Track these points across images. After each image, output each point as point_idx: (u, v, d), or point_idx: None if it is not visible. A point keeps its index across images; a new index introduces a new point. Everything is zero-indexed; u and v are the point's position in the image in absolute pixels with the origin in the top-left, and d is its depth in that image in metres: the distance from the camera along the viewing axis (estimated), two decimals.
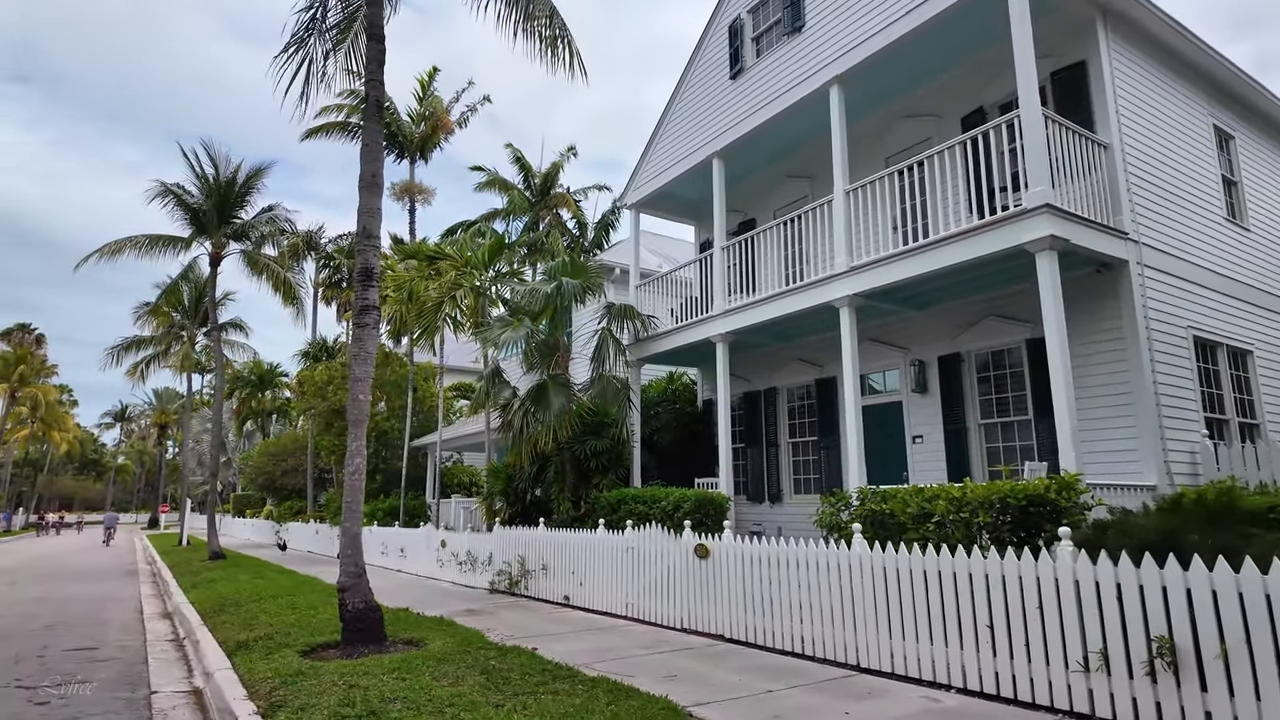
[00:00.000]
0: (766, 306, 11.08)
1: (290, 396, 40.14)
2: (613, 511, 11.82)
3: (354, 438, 7.65)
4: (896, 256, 9.15)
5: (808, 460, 12.58)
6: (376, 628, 7.26)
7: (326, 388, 21.48)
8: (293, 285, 21.61)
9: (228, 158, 20.81)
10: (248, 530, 36.37)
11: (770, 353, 13.26)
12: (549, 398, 12.07)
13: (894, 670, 6.08)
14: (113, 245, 19.60)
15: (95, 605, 12.56)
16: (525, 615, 9.74)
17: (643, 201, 14.50)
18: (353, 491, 7.54)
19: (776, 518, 12.56)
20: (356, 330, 7.78)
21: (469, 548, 13.53)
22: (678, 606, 8.45)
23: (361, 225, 8.00)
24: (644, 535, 9.20)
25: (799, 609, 7.00)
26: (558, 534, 11.00)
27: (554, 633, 8.35)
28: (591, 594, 9.99)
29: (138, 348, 33.29)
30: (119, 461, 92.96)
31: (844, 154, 10.08)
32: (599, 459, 12.67)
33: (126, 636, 9.52)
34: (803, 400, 12.84)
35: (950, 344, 10.39)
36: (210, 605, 11.04)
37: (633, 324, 13.43)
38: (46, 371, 58.81)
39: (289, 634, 8.03)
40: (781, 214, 13.22)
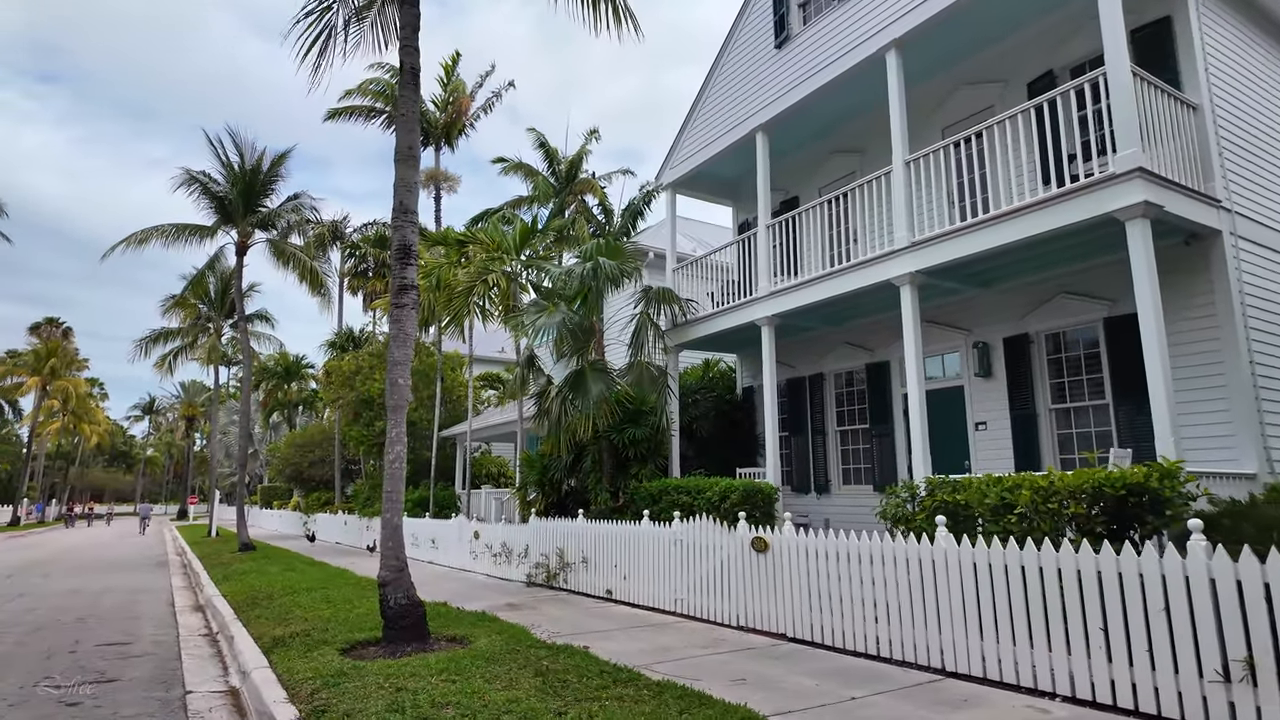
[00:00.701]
0: (816, 287, 10.51)
1: (316, 388, 40.17)
2: (654, 502, 11.36)
3: (394, 424, 7.23)
4: (962, 230, 8.55)
5: (857, 449, 12.02)
6: (420, 625, 6.86)
7: (354, 378, 21.22)
8: (319, 274, 21.36)
9: (253, 145, 20.58)
10: (275, 521, 36.47)
11: (816, 337, 12.68)
12: (587, 384, 11.61)
13: (986, 675, 5.56)
14: (139, 234, 19.44)
15: (127, 598, 12.36)
16: (568, 610, 9.32)
17: (679, 181, 13.95)
18: (393, 481, 7.13)
19: (824, 509, 12.02)
20: (395, 311, 7.35)
21: (504, 539, 13.16)
22: (733, 603, 7.97)
23: (398, 200, 7.56)
24: (693, 527, 8.72)
25: (872, 607, 6.49)
26: (599, 526, 10.56)
27: (602, 630, 7.91)
28: (636, 588, 9.54)
29: (165, 340, 33.41)
30: (148, 454, 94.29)
31: (904, 122, 9.47)
32: (637, 448, 12.20)
33: (159, 630, 9.24)
34: (851, 386, 12.26)
35: (1017, 324, 9.76)
36: (243, 598, 10.76)
37: (670, 308, 12.92)
38: (78, 365, 59.50)
39: (326, 630, 7.67)
40: (827, 191, 12.63)
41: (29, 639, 8.62)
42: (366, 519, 21.50)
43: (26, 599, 12.21)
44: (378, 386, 20.75)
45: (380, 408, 20.58)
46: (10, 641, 8.45)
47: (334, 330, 27.97)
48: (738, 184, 14.75)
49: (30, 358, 51.93)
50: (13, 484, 49.91)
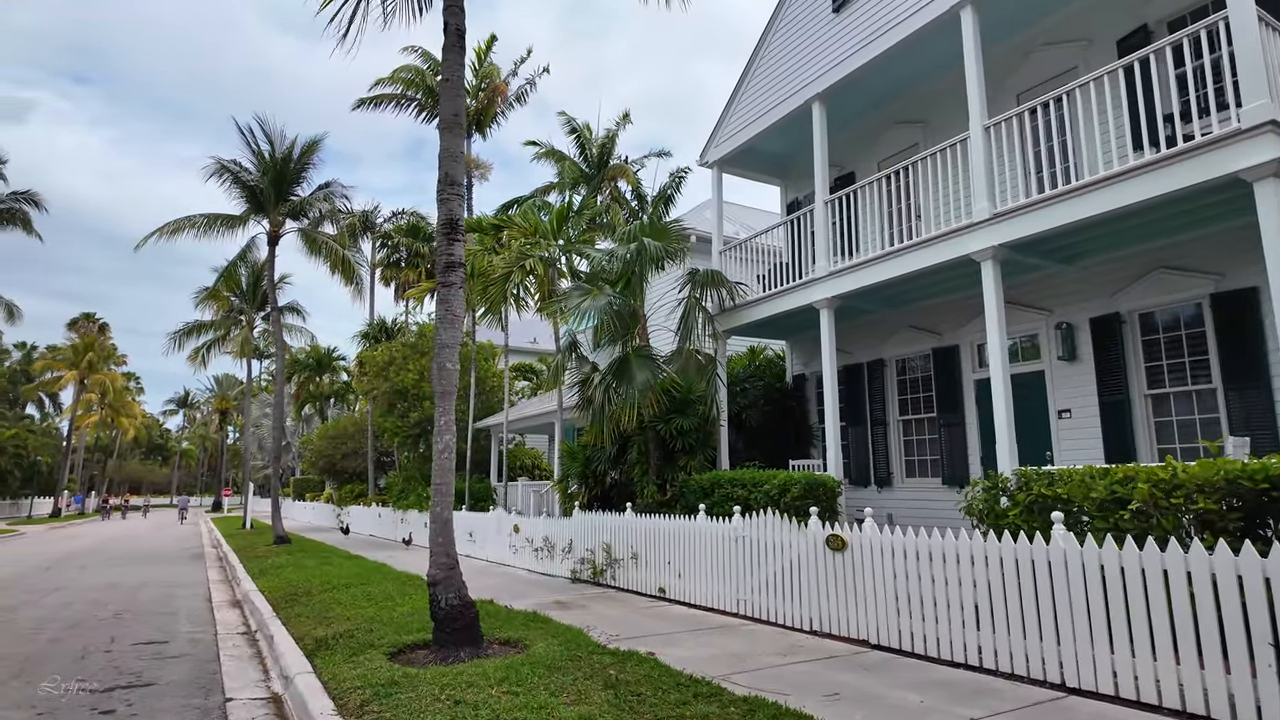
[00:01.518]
0: (880, 266, 9.81)
1: (348, 380, 40.16)
2: (705, 496, 10.78)
3: (442, 411, 6.72)
4: (1052, 200, 7.80)
5: (922, 440, 11.31)
6: (472, 627, 6.35)
7: (388, 368, 20.89)
8: (351, 263, 21.04)
9: (282, 133, 20.27)
10: (308, 514, 36.54)
11: (876, 321, 11.97)
12: (632, 372, 11.04)
13: (1118, 693, 4.89)
14: (172, 225, 19.24)
15: (163, 592, 12.09)
16: (621, 609, 8.78)
17: (725, 159, 13.28)
18: (443, 472, 6.62)
19: (885, 503, 11.34)
20: (442, 290, 6.83)
21: (546, 534, 12.67)
22: (805, 606, 7.36)
23: (443, 171, 7.03)
24: (757, 524, 8.12)
25: (972, 613, 5.84)
26: (649, 520, 10.00)
27: (663, 632, 7.35)
28: (693, 587, 8.97)
29: (198, 333, 33.52)
30: (183, 446, 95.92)
31: (981, 84, 8.72)
32: (685, 439, 11.62)
33: (196, 628, 8.88)
34: (916, 373, 11.54)
35: (1106, 303, 8.99)
36: (281, 594, 10.39)
37: (718, 292, 12.29)
38: (115, 359, 60.44)
39: (371, 631, 7.21)
40: (886, 165, 11.93)
41: (64, 636, 8.30)
42: (401, 511, 21.21)
43: (63, 593, 12.00)
44: (411, 377, 20.41)
45: (414, 398, 20.26)
46: (44, 639, 8.12)
47: (366, 322, 27.75)
48: (787, 161, 14.05)
49: (69, 352, 52.78)
50: (53, 476, 50.79)
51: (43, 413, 61.36)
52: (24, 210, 27.51)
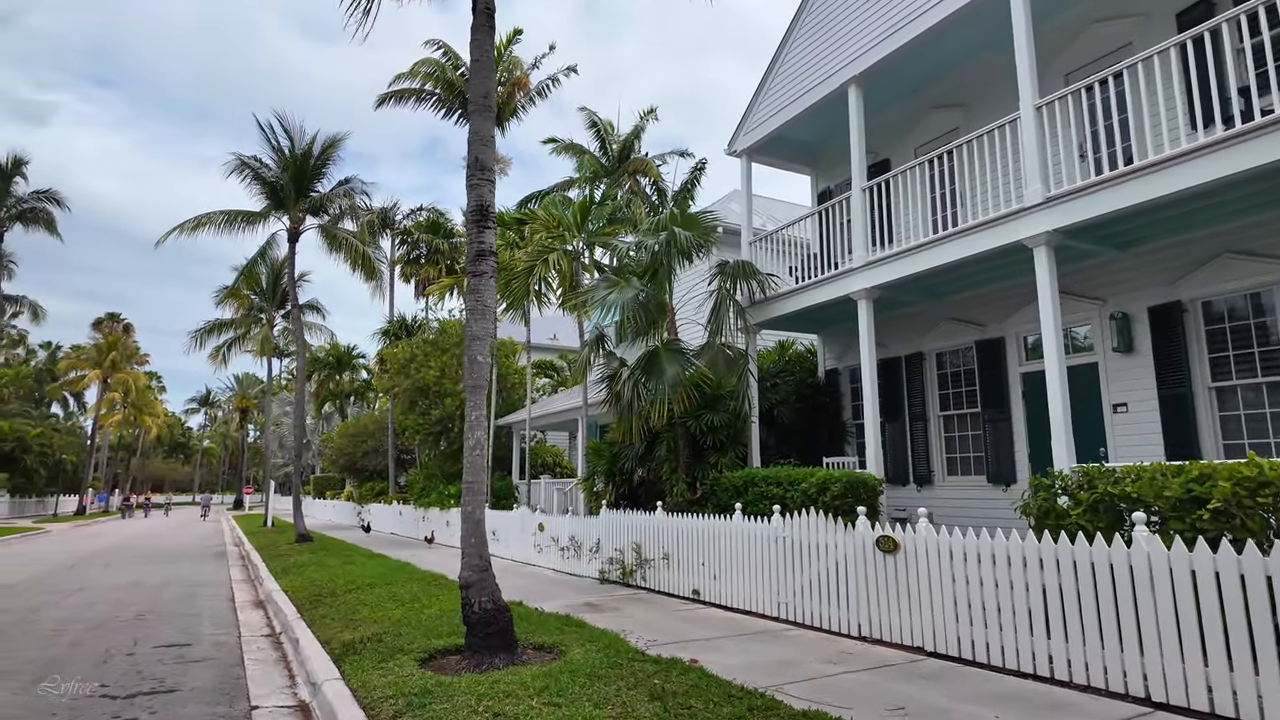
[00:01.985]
0: (922, 255, 9.38)
1: (368, 378, 40.15)
2: (738, 494, 10.43)
3: (473, 406, 6.42)
4: (1110, 182, 7.36)
5: (965, 436, 10.87)
6: (506, 632, 6.05)
7: (409, 365, 20.71)
8: (371, 259, 20.88)
9: (302, 129, 20.12)
10: (329, 511, 36.58)
11: (915, 313, 11.55)
12: (662, 366, 10.70)
13: (1213, 709, 4.49)
14: (193, 221, 19.17)
15: (186, 591, 11.93)
16: (655, 613, 8.45)
17: (754, 147, 12.89)
18: (475, 470, 6.33)
19: (925, 502, 10.92)
20: (472, 280, 6.53)
21: (572, 533, 12.38)
22: (852, 610, 7.00)
23: (473, 155, 6.73)
24: (799, 524, 7.76)
25: (1042, 620, 5.45)
26: (681, 520, 9.67)
27: (703, 638, 7.01)
28: (729, 589, 8.63)
29: (219, 331, 33.62)
30: (205, 445, 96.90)
31: (1032, 62, 8.27)
32: (716, 435, 11.27)
33: (220, 630, 8.67)
34: (957, 366, 11.10)
35: (1166, 290, 8.52)
36: (305, 595, 10.17)
37: (748, 284, 11.91)
38: (138, 359, 60.99)
39: (400, 635, 6.94)
40: (924, 151, 11.49)
41: (87, 638, 8.11)
42: (422, 509, 21.04)
43: (87, 592, 11.87)
44: (433, 374, 20.22)
45: (436, 395, 20.06)
46: (66, 642, 7.94)
47: (386, 319, 27.64)
48: (818, 149, 13.64)
49: (92, 352, 53.29)
50: (78, 474, 51.33)
51: (67, 412, 62.13)
52: (47, 210, 27.66)
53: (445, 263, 24.35)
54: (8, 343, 56.88)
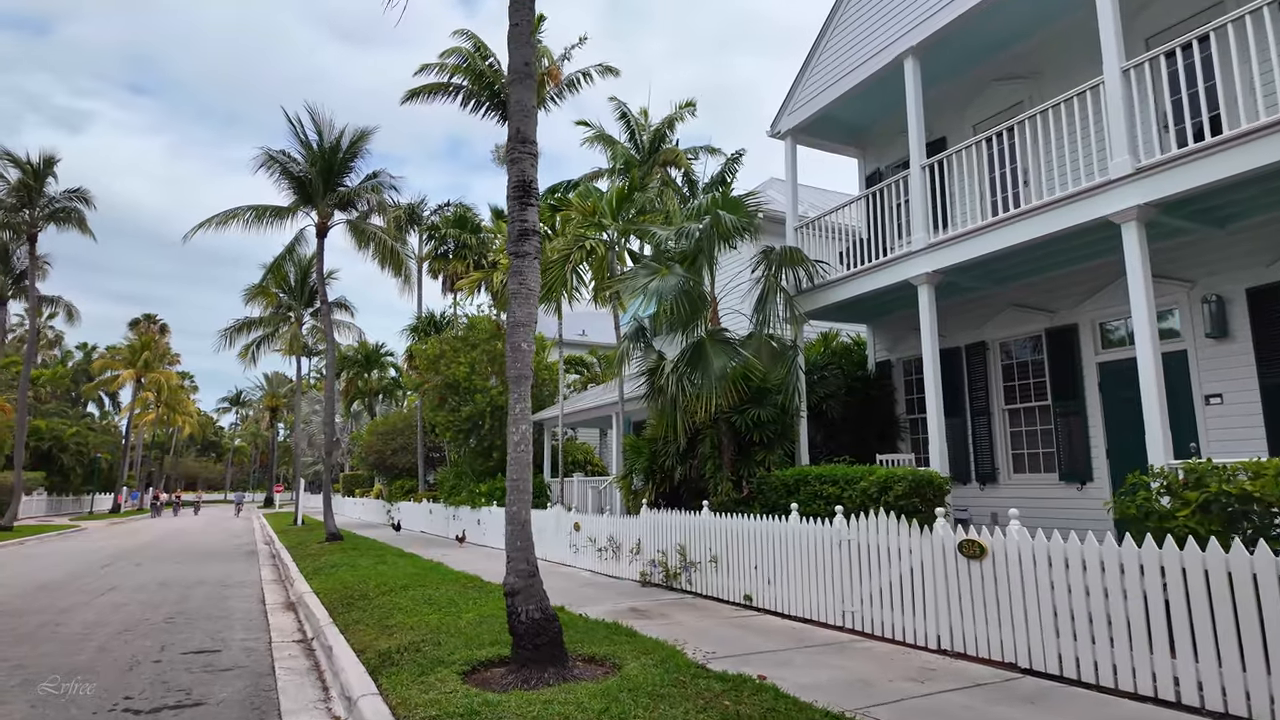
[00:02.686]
0: (991, 236, 8.71)
1: (396, 376, 40.08)
2: (788, 493, 9.84)
3: (517, 398, 5.92)
4: (1211, 150, 6.65)
5: (1033, 431, 10.16)
6: (556, 644, 5.54)
7: (439, 361, 20.38)
8: (400, 254, 20.57)
9: (331, 123, 19.85)
10: (358, 510, 36.54)
11: (976, 300, 10.86)
12: (707, 358, 10.14)
13: None
14: (221, 216, 18.99)
15: (216, 592, 11.63)
16: (707, 620, 7.90)
17: (799, 128, 12.26)
18: (519, 467, 5.82)
19: (988, 502, 10.25)
20: (515, 262, 6.03)
21: (611, 533, 11.87)
22: (929, 621, 6.39)
23: (514, 127, 6.23)
24: (867, 526, 7.16)
25: (1163, 635, 4.81)
26: (731, 521, 9.11)
27: (766, 649, 6.45)
28: (785, 595, 8.05)
29: (248, 330, 33.68)
30: (235, 444, 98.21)
31: (1117, 21, 7.57)
32: (763, 431, 10.69)
33: (249, 635, 8.29)
34: (1024, 356, 10.40)
35: (1267, 271, 7.77)
36: (337, 597, 9.79)
37: (795, 272, 11.30)
38: (171, 359, 61.84)
39: (439, 643, 6.47)
40: (984, 128, 10.78)
41: (114, 643, 7.77)
42: (453, 508, 20.69)
43: (117, 593, 11.63)
44: (463, 370, 19.85)
45: (466, 392, 19.68)
46: (93, 647, 7.60)
47: (414, 316, 27.40)
48: (866, 130, 12.97)
49: (126, 352, 54.05)
50: (113, 473, 52.07)
51: (103, 411, 63.16)
52: (78, 209, 27.80)
53: (473, 258, 24.00)
54: (45, 344, 57.92)
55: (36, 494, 41.08)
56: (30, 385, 45.84)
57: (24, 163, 26.67)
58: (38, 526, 31.10)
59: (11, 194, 26.61)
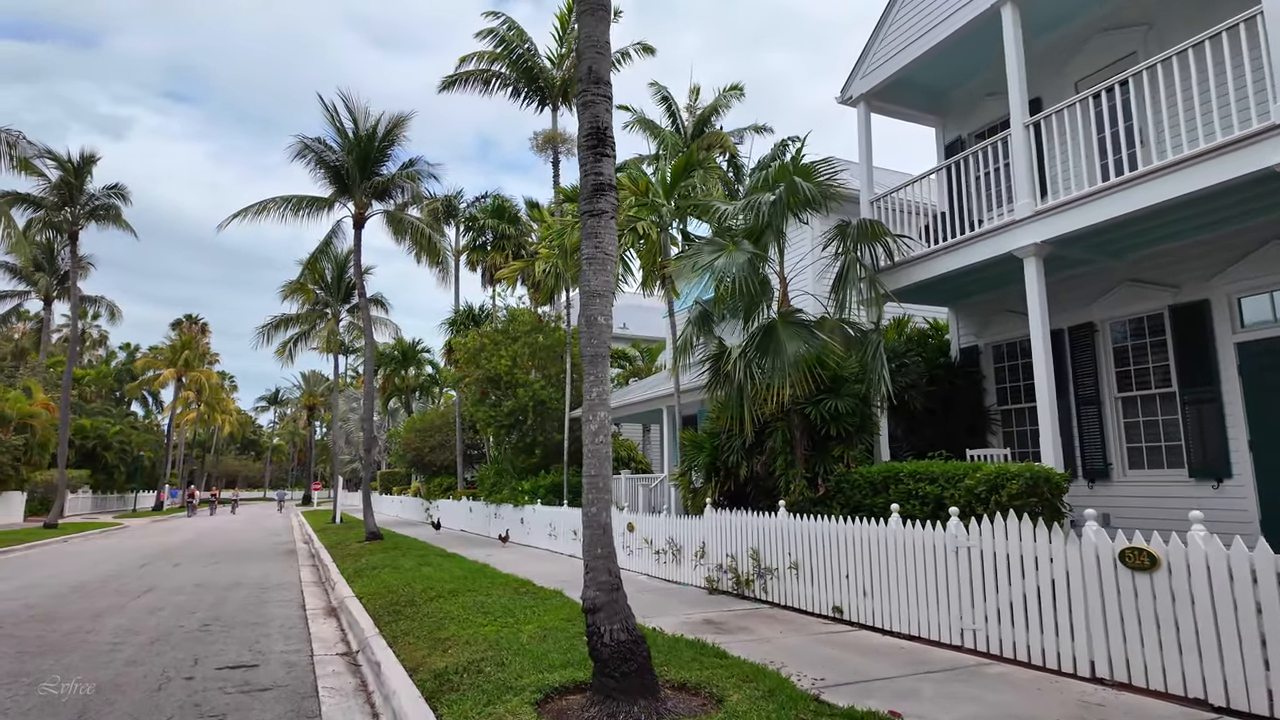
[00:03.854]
0: (1113, 199, 7.63)
1: (433, 373, 39.70)
2: (875, 492, 8.85)
3: (594, 381, 5.06)
4: None
5: (1152, 422, 9.02)
6: (645, 671, 4.67)
7: (479, 355, 19.70)
8: (438, 244, 19.93)
9: (366, 110, 19.26)
10: (396, 507, 36.22)
11: (1083, 275, 9.74)
12: (780, 342, 9.18)
13: None
14: (256, 206, 18.55)
15: (254, 595, 11.01)
16: (796, 636, 6.97)
17: (874, 92, 11.22)
18: (598, 461, 4.96)
19: (1098, 501, 9.13)
20: (590, 221, 5.17)
21: (670, 534, 10.99)
22: (1081, 644, 5.37)
23: (586, 66, 5.36)
24: (992, 530, 6.16)
25: None
26: (816, 524, 8.15)
27: (882, 675, 5.50)
28: (886, 609, 7.08)
29: (285, 326, 33.55)
30: (274, 442, 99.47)
31: None
32: (840, 424, 9.69)
33: (289, 645, 7.58)
34: (1140, 338, 9.25)
35: None
36: (382, 604, 9.06)
37: (872, 249, 10.27)
38: (211, 359, 62.58)
39: (502, 663, 5.65)
40: (1087, 85, 9.66)
41: (144, 655, 7.11)
42: (494, 506, 20.00)
43: (153, 594, 11.08)
44: (504, 363, 19.12)
45: (508, 386, 18.95)
46: (122, 660, 6.94)
47: (452, 309, 26.84)
48: (946, 94, 11.89)
49: (167, 352, 54.71)
50: (155, 471, 52.71)
51: (146, 410, 64.13)
52: (116, 205, 27.77)
53: (512, 248, 23.29)
54: (90, 344, 58.95)
55: (82, 492, 41.60)
56: (75, 384, 46.55)
57: (65, 161, 26.67)
58: (82, 524, 31.28)
59: (52, 192, 26.63)
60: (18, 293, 39.75)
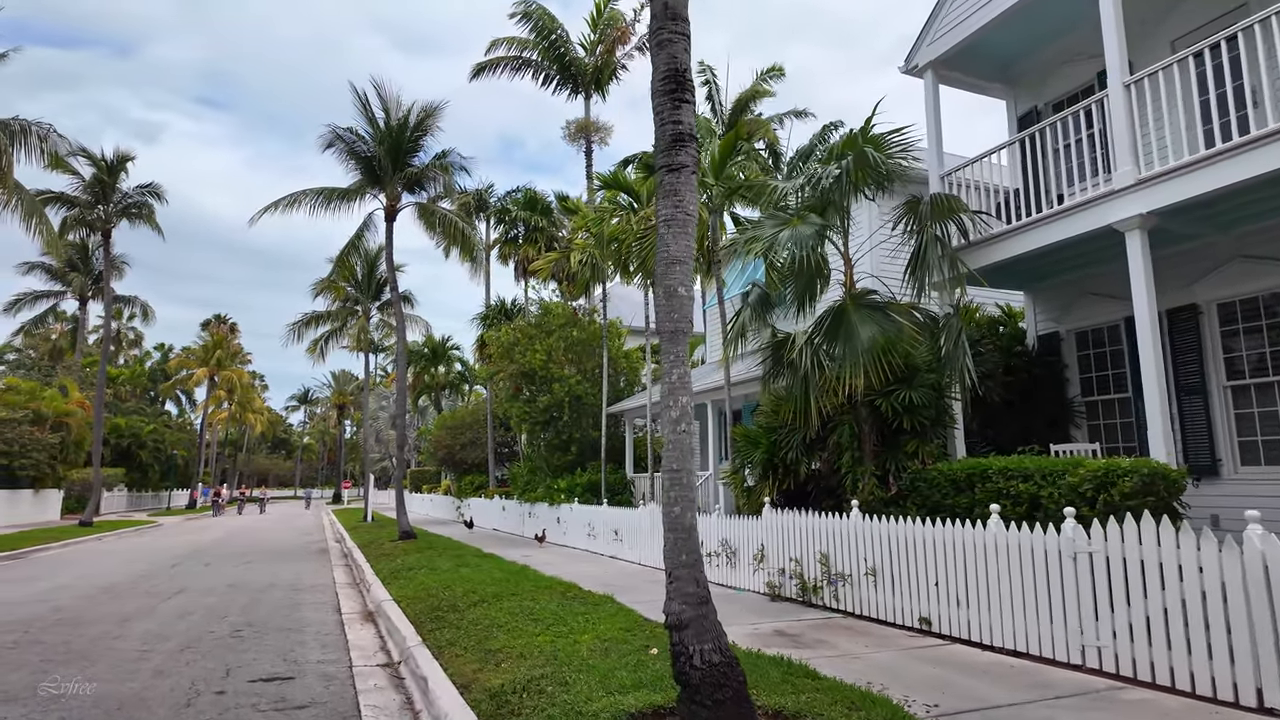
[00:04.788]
0: (1235, 162, 6.78)
1: (463, 369, 39.38)
2: (958, 491, 8.10)
3: (673, 361, 4.39)
4: None
5: (1270, 413, 8.14)
6: (741, 699, 4.00)
7: (513, 349, 19.16)
8: (470, 237, 19.41)
9: (398, 99, 18.80)
10: (427, 506, 35.94)
11: (1184, 251, 8.86)
12: (851, 326, 8.45)
13: None
14: (286, 199, 18.18)
15: (288, 598, 10.52)
16: (883, 650, 6.25)
17: (941, 60, 10.39)
18: (680, 452, 4.29)
19: (1205, 501, 8.26)
20: (668, 178, 4.49)
21: (724, 536, 10.30)
22: (1243, 669, 4.59)
23: (660, 3, 4.68)
24: (1119, 535, 5.38)
25: None
26: (898, 526, 7.40)
27: (1002, 701, 4.76)
28: (985, 620, 6.32)
29: (315, 324, 33.43)
30: (305, 441, 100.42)
31: None
32: (914, 417, 8.94)
33: (327, 655, 7.02)
34: (1256, 319, 8.35)
35: None
36: (422, 608, 8.48)
37: (946, 226, 9.46)
38: (242, 359, 63.06)
39: (565, 681, 5.01)
40: (1185, 44, 8.78)
41: (173, 665, 6.59)
42: (528, 504, 19.45)
43: (184, 596, 10.65)
44: (539, 357, 18.55)
45: (543, 381, 18.39)
46: (149, 670, 6.42)
47: (484, 304, 26.38)
48: (1017, 63, 11.04)
49: (199, 352, 55.21)
50: (189, 470, 53.18)
51: (179, 409, 64.91)
52: (149, 204, 27.74)
53: (544, 241, 22.73)
54: (126, 344, 59.73)
55: (117, 490, 41.97)
56: (110, 384, 47.08)
57: (98, 159, 26.68)
58: (117, 522, 31.39)
59: (86, 190, 26.65)
60: (54, 293, 40.16)
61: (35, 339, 52.03)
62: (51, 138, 17.93)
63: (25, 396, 30.83)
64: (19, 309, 39.50)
